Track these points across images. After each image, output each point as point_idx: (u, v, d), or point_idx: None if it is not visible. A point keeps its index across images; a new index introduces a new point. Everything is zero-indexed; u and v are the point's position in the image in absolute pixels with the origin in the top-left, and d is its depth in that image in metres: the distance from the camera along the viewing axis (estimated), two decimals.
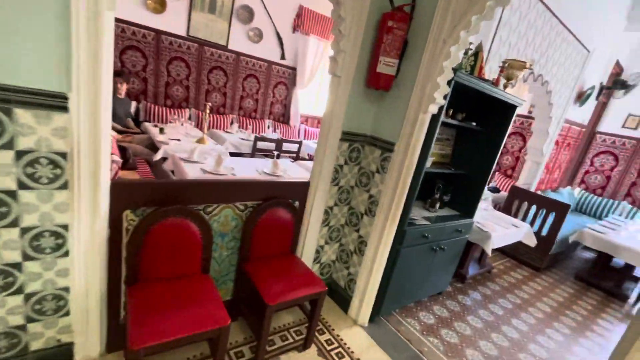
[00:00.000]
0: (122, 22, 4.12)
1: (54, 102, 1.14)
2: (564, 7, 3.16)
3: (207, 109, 3.68)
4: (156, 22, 4.37)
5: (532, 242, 3.31)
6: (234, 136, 4.60)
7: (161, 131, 3.72)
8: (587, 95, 4.60)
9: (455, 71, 1.73)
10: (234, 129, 4.90)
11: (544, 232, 3.76)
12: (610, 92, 5.33)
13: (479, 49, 2.06)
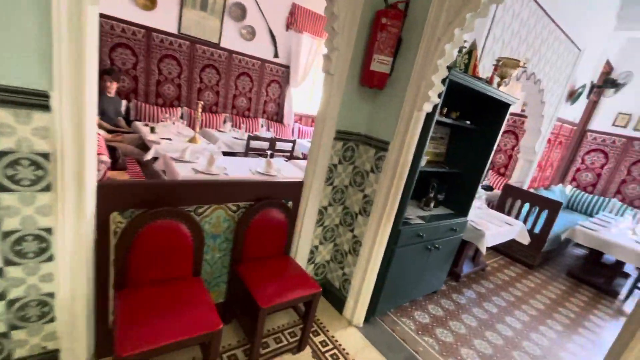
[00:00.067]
0: (111, 18, 4.03)
1: (34, 100, 1.09)
2: (555, 5, 3.18)
3: (199, 108, 3.62)
4: (146, 19, 4.29)
5: (526, 240, 3.33)
6: (227, 135, 4.54)
7: (152, 130, 3.66)
8: (579, 93, 4.64)
9: (449, 69, 1.72)
10: (227, 128, 4.84)
11: (537, 229, 3.78)
12: (600, 90, 5.39)
13: (473, 47, 2.05)
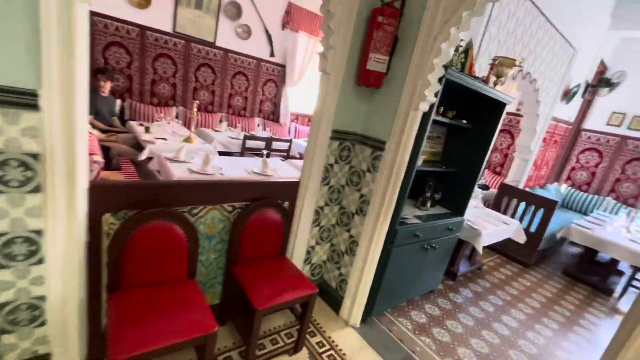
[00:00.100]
0: (104, 17, 3.98)
1: (23, 99, 1.06)
2: (550, 5, 3.19)
3: (195, 107, 3.58)
4: (140, 17, 4.24)
5: (522, 238, 3.34)
6: (223, 135, 4.51)
7: (147, 130, 3.62)
8: (573, 93, 4.67)
9: (446, 68, 1.71)
10: (222, 127, 4.81)
11: (533, 228, 3.80)
12: (595, 90, 5.43)
13: (470, 46, 2.05)
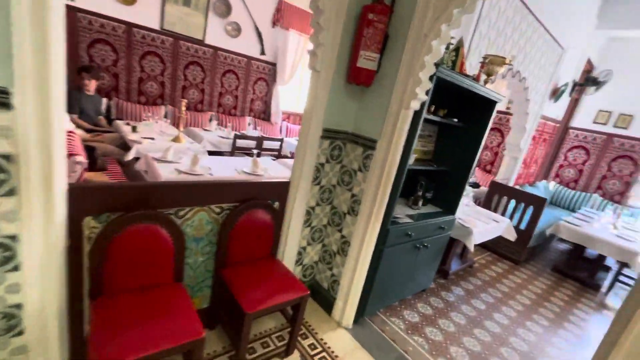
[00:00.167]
0: (88, 13, 3.86)
1: None
2: (539, 4, 3.21)
3: (183, 106, 3.51)
4: (127, 14, 4.13)
5: (512, 236, 3.36)
6: (213, 134, 4.44)
7: (134, 129, 3.53)
8: (561, 91, 4.73)
9: (437, 66, 1.69)
10: (212, 126, 4.73)
11: (523, 225, 3.84)
12: (582, 88, 5.52)
13: (460, 44, 2.04)
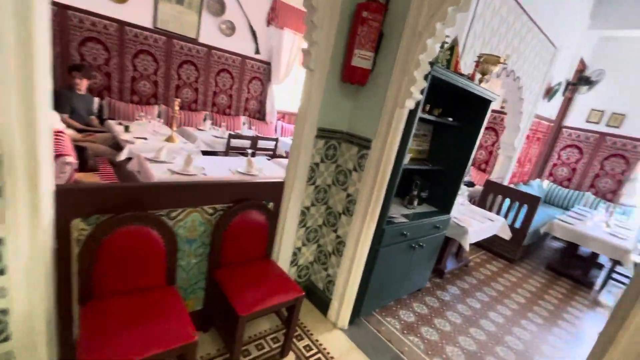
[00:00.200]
0: (79, 11, 3.79)
1: None
2: (533, 4, 3.22)
3: (176, 106, 3.47)
4: (119, 12, 4.06)
5: (507, 234, 3.38)
6: (207, 134, 4.40)
7: (126, 129, 3.48)
8: (555, 91, 4.76)
9: (432, 65, 1.68)
10: (206, 126, 4.69)
11: (517, 224, 3.85)
12: (575, 88, 5.56)
13: (455, 43, 2.03)
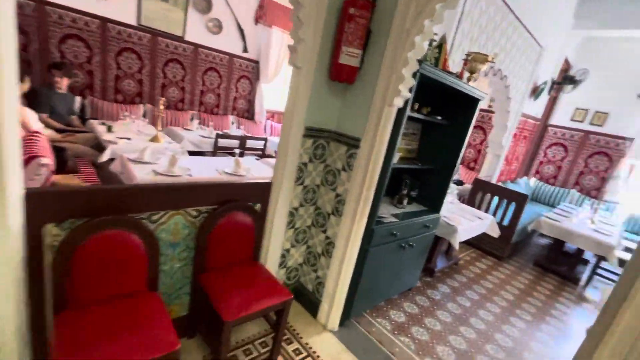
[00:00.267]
0: (58, 7, 3.65)
1: None
2: (519, 2, 3.25)
3: (161, 105, 3.37)
4: (100, 8, 3.93)
5: (496, 232, 3.40)
6: (194, 133, 4.30)
7: (109, 129, 3.37)
8: (541, 90, 4.83)
9: (420, 63, 1.66)
10: (194, 125, 4.59)
11: (506, 222, 3.89)
12: (560, 87, 5.66)
13: (443, 41, 2.02)
